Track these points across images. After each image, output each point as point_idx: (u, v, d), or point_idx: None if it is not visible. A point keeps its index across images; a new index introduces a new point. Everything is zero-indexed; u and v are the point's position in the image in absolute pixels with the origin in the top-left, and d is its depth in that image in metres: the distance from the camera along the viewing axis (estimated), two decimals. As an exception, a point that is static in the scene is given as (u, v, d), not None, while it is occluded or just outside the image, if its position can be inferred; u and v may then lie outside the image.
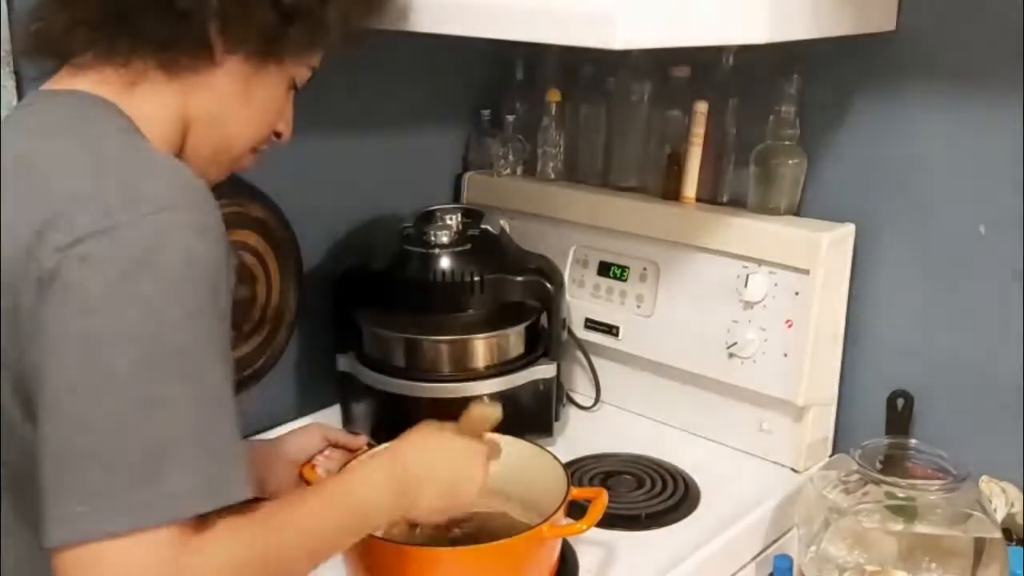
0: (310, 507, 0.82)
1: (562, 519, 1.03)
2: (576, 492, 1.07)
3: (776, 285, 1.30)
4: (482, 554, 0.98)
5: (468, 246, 1.33)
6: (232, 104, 0.88)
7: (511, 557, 1.00)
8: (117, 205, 0.70)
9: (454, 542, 1.05)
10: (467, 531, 1.11)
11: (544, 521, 1.00)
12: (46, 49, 0.87)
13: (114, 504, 0.67)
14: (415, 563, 0.95)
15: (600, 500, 1.04)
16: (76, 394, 0.68)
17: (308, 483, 1.14)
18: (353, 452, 1.16)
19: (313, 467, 1.14)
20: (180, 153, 0.88)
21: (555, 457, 1.11)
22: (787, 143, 1.33)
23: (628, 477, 1.31)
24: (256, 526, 0.74)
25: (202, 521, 0.70)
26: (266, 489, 1.13)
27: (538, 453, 1.13)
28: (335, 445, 1.17)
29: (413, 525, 1.05)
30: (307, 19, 0.86)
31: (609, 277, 1.48)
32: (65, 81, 0.84)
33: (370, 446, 1.17)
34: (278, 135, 0.97)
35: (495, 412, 1.04)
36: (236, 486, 0.72)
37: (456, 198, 1.66)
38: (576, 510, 1.05)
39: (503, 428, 1.22)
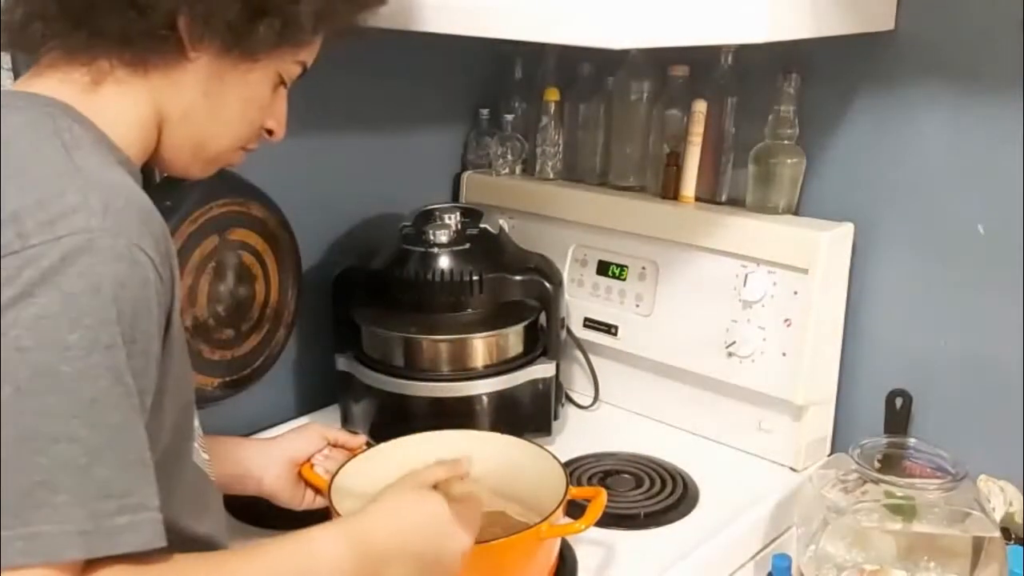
0: (249, 569, 0.78)
1: (561, 518, 1.03)
2: (575, 492, 1.07)
3: (775, 284, 1.30)
4: (480, 553, 0.97)
5: (467, 245, 1.33)
6: (208, 102, 0.86)
7: (510, 556, 1.00)
8: (34, 228, 0.68)
9: None
10: None
11: (543, 521, 1.00)
12: (10, 44, 0.85)
13: None
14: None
15: (599, 499, 1.04)
16: None
17: (308, 482, 1.14)
18: (352, 451, 1.16)
19: (311, 466, 1.14)
20: (157, 151, 0.87)
21: (554, 456, 1.11)
22: (786, 142, 1.33)
23: (627, 476, 1.31)
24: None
25: (92, 565, 0.67)
26: (263, 489, 1.13)
27: (537, 452, 1.13)
28: (334, 444, 1.17)
29: None
30: (277, 15, 0.84)
31: (608, 276, 1.48)
32: (29, 81, 0.83)
33: (369, 445, 1.17)
34: (270, 132, 0.95)
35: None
36: (124, 535, 0.68)
37: (455, 197, 1.66)
38: (575, 509, 1.05)
39: (502, 427, 1.22)
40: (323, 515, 1.08)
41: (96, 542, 0.67)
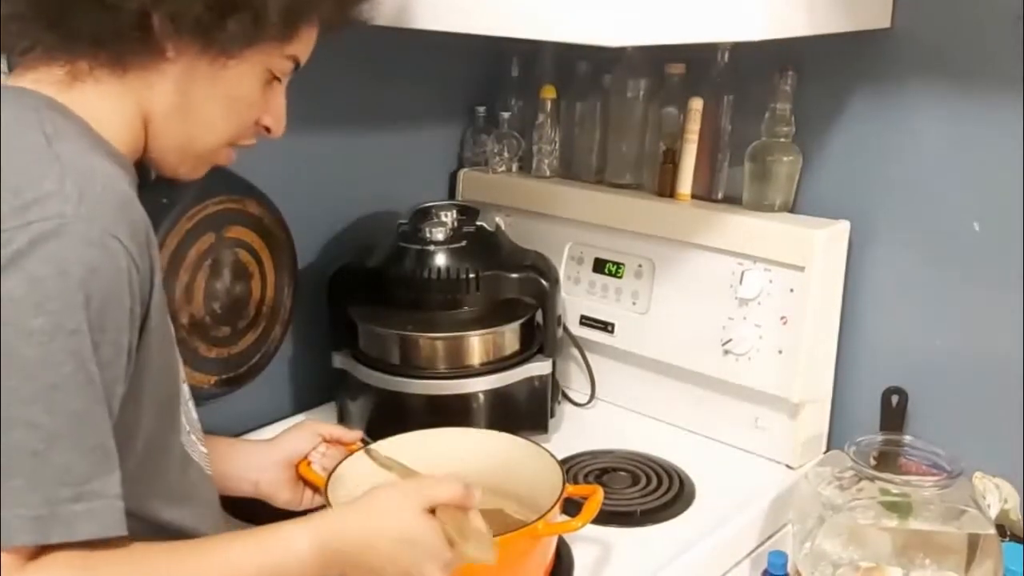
0: (211, 560, 0.78)
1: (557, 516, 1.03)
2: (571, 489, 1.07)
3: (771, 282, 1.30)
4: None
5: (463, 243, 1.33)
6: (192, 100, 0.85)
7: (506, 554, 1.00)
8: (7, 213, 0.69)
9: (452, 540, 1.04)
10: None
11: (539, 518, 1.00)
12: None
13: None
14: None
15: (595, 497, 1.04)
16: None
17: (307, 481, 1.13)
18: (348, 446, 1.15)
19: (309, 464, 1.14)
20: (146, 150, 0.87)
21: (551, 454, 1.11)
22: (782, 140, 1.33)
23: (623, 474, 1.31)
24: (115, 567, 0.71)
25: (47, 550, 0.68)
26: (261, 491, 1.12)
27: (534, 450, 1.13)
28: (329, 440, 1.17)
29: None
30: (245, 10, 0.82)
31: (604, 274, 1.48)
32: (14, 79, 0.83)
33: (364, 442, 1.16)
34: (268, 129, 0.94)
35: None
36: (80, 522, 0.68)
37: (451, 195, 1.66)
38: (572, 507, 1.05)
39: (499, 425, 1.22)
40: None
41: (50, 528, 0.67)
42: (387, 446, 1.13)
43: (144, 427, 0.81)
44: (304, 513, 1.14)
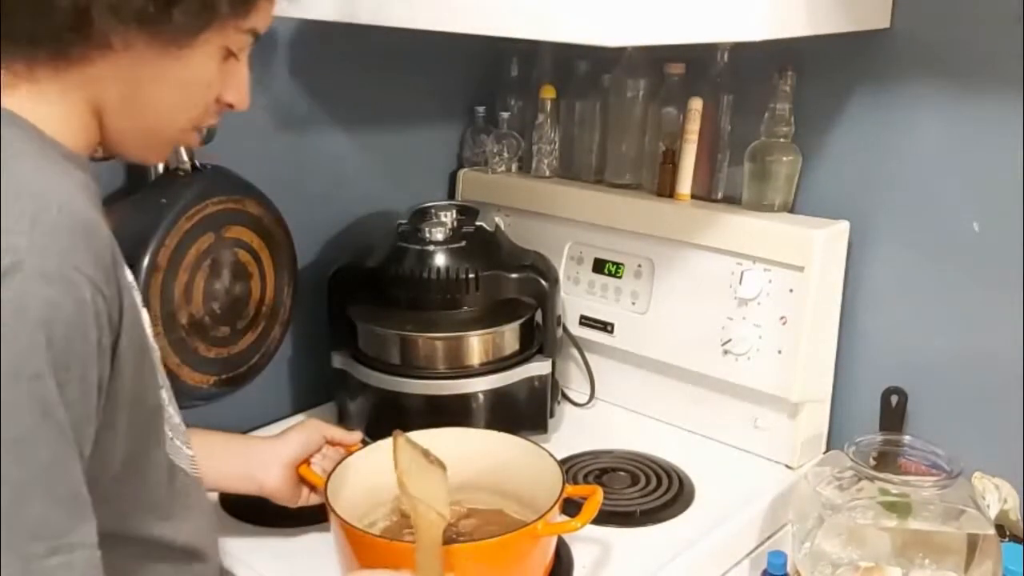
0: None
1: (557, 516, 1.03)
2: (571, 490, 1.07)
3: (770, 282, 1.30)
4: (477, 551, 0.98)
5: (463, 243, 1.33)
6: (144, 89, 0.80)
7: (506, 554, 1.00)
8: None
9: (450, 540, 1.04)
10: (464, 529, 1.11)
11: (539, 519, 1.00)
12: None
13: None
14: (411, 561, 0.95)
15: (595, 498, 1.04)
16: None
17: (307, 482, 1.13)
18: (349, 448, 1.16)
19: (309, 465, 1.14)
20: (105, 140, 0.83)
21: (551, 454, 1.11)
22: (782, 140, 1.33)
23: (623, 474, 1.31)
24: None
25: None
26: (264, 490, 1.12)
27: (534, 450, 1.13)
28: (331, 443, 1.17)
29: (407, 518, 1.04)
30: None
31: (604, 274, 1.48)
32: None
33: (364, 443, 1.17)
34: (230, 106, 0.88)
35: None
36: None
37: (451, 195, 1.66)
38: (571, 507, 1.05)
39: (498, 425, 1.22)
40: (318, 513, 1.08)
41: None
42: (386, 446, 1.12)
43: (123, 449, 0.78)
44: (300, 512, 1.14)
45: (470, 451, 1.16)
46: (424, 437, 1.14)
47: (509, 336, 1.36)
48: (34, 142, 0.76)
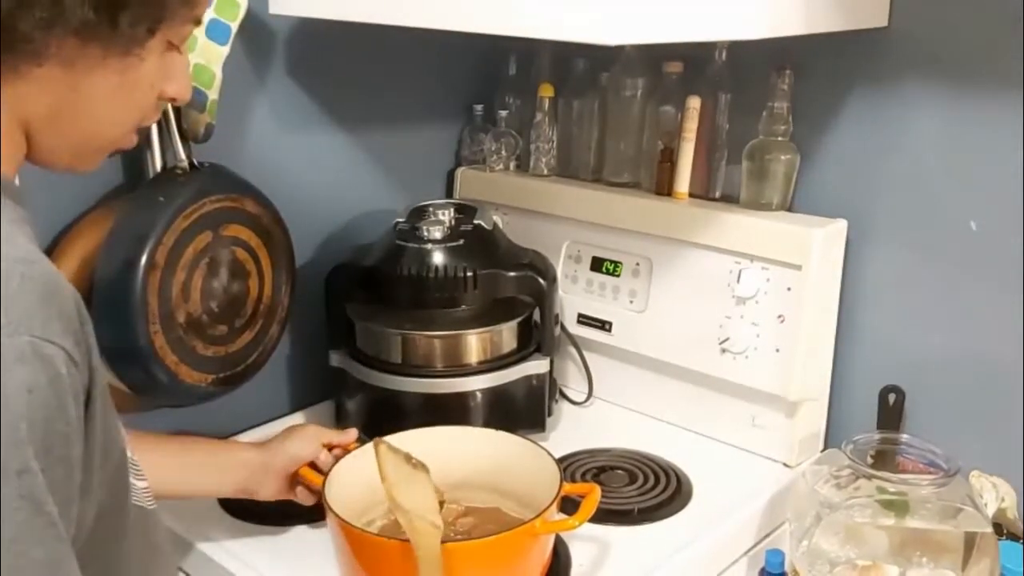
0: None
1: (554, 515, 1.03)
2: (568, 488, 1.07)
3: (768, 281, 1.31)
4: (474, 550, 0.98)
5: (461, 241, 1.33)
6: (83, 98, 0.74)
7: (504, 553, 1.00)
8: None
9: (448, 539, 1.04)
10: (462, 528, 1.11)
11: (536, 517, 1.00)
12: None
13: None
14: (409, 559, 0.95)
15: (592, 496, 1.04)
16: None
17: (307, 483, 1.12)
18: (347, 448, 1.15)
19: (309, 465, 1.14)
20: (32, 154, 0.76)
21: (548, 452, 1.11)
22: (779, 139, 1.33)
23: (621, 472, 1.32)
24: None
25: None
26: (257, 498, 1.11)
27: (531, 448, 1.13)
28: (329, 447, 1.15)
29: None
30: (137, 5, 0.72)
31: (602, 272, 1.48)
32: None
33: (361, 440, 1.16)
34: (172, 99, 0.82)
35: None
36: None
37: (449, 193, 1.66)
38: (569, 505, 1.05)
39: (496, 423, 1.22)
40: (315, 510, 1.08)
41: None
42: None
43: (95, 507, 0.72)
44: (298, 509, 1.14)
45: (467, 450, 1.16)
46: (421, 436, 1.14)
47: (507, 335, 1.36)
48: None
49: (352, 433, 1.17)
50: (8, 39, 0.69)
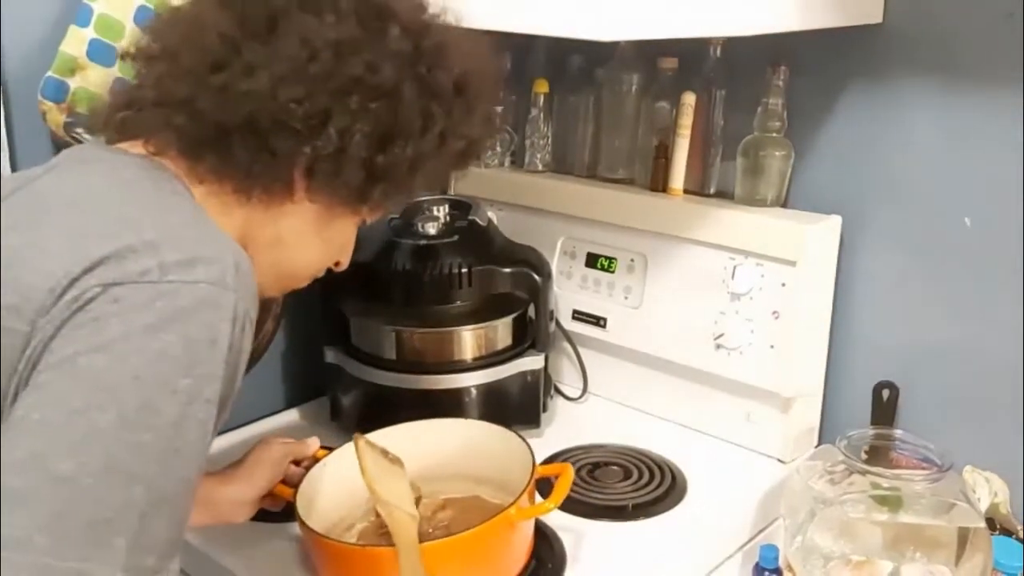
0: None
1: (529, 499, 1.02)
2: (542, 469, 1.06)
3: (763, 277, 1.31)
4: (454, 545, 0.96)
5: (456, 237, 1.33)
6: (301, 238, 0.90)
7: (483, 545, 0.98)
8: (174, 265, 0.70)
9: (426, 535, 1.04)
10: (441, 521, 1.10)
11: (511, 504, 0.99)
12: (121, 134, 0.87)
13: (25, 558, 0.62)
14: (387, 564, 0.93)
15: (566, 475, 1.04)
16: (44, 427, 0.65)
17: (281, 498, 1.09)
18: (315, 457, 1.12)
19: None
20: None
21: (521, 437, 1.11)
22: (774, 135, 1.33)
23: (615, 468, 1.32)
24: None
25: None
26: (230, 524, 1.09)
27: (500, 433, 1.13)
28: (295, 462, 1.12)
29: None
30: (393, 181, 0.87)
31: (597, 269, 1.48)
32: (138, 149, 0.85)
33: (324, 449, 1.13)
34: (337, 264, 0.99)
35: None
36: None
37: (443, 189, 1.66)
38: (546, 487, 1.05)
39: (491, 419, 1.22)
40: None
41: None
42: (349, 450, 1.10)
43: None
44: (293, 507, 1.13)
45: (439, 441, 1.16)
46: (393, 433, 1.13)
47: (502, 331, 1.36)
48: (203, 210, 0.83)
49: (315, 442, 1.15)
50: (290, 181, 0.85)
